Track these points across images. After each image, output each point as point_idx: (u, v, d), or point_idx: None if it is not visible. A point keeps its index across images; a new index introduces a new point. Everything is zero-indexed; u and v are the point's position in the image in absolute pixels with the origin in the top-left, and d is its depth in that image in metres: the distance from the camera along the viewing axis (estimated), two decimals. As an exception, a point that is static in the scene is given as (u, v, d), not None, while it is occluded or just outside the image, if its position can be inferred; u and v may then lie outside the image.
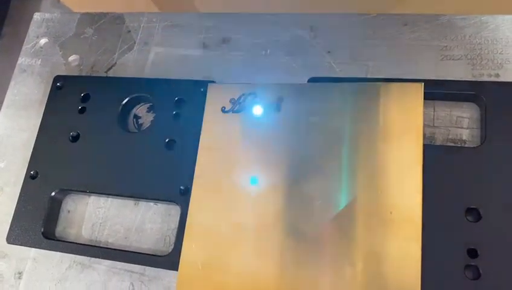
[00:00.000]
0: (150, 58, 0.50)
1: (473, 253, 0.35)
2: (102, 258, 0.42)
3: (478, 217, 0.35)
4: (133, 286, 0.42)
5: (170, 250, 0.40)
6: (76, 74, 0.51)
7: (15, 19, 1.64)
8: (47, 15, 0.55)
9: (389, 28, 0.44)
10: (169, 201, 0.42)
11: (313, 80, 0.43)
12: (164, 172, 0.43)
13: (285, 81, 0.45)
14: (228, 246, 0.39)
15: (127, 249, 0.43)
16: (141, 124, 0.47)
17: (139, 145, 0.44)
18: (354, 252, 0.36)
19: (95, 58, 0.51)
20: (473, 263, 0.34)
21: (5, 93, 0.53)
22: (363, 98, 0.39)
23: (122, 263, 0.42)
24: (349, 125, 0.39)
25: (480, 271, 0.34)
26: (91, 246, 0.43)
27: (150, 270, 0.42)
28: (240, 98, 0.42)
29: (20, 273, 0.45)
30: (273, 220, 0.38)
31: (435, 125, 0.40)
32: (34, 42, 0.54)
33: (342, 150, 0.39)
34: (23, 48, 0.55)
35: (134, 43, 0.51)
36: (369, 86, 0.40)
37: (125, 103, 0.47)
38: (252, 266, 0.38)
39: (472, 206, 0.36)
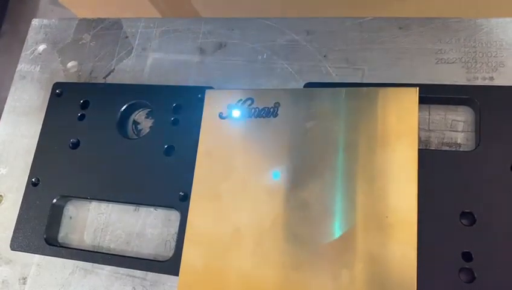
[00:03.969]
0: (148, 63, 0.50)
1: (467, 256, 0.35)
2: (104, 264, 0.43)
3: (473, 221, 0.36)
4: (135, 290, 0.43)
5: (171, 255, 0.41)
6: (75, 80, 0.52)
7: (14, 18, 1.65)
8: (45, 21, 0.56)
9: (384, 32, 0.44)
10: (168, 207, 0.43)
11: (308, 85, 0.43)
12: (163, 178, 0.43)
13: (282, 86, 0.45)
14: (228, 251, 0.39)
15: (128, 255, 0.43)
16: (140, 130, 0.48)
17: (138, 152, 0.45)
18: (351, 256, 0.36)
19: (94, 64, 0.52)
20: (467, 266, 0.35)
21: (5, 93, 0.54)
22: (358, 103, 0.40)
23: (124, 268, 0.43)
24: (345, 130, 0.39)
25: (475, 274, 0.35)
26: (93, 252, 0.44)
27: (151, 275, 0.42)
28: (237, 103, 0.43)
29: (24, 279, 0.46)
30: (272, 225, 0.39)
31: (430, 129, 0.41)
32: (33, 48, 0.55)
33: (338, 154, 0.39)
34: (22, 54, 0.55)
35: (132, 48, 0.51)
36: (364, 91, 0.40)
37: (124, 109, 0.47)
38: (251, 271, 0.38)
39: (467, 210, 0.36)
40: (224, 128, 0.42)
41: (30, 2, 1.64)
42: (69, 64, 0.53)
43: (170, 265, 0.40)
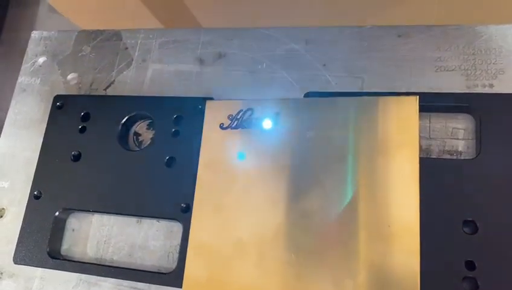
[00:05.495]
0: (148, 75, 0.50)
1: (470, 265, 0.35)
2: (107, 276, 0.43)
3: (475, 230, 0.36)
4: (138, 303, 0.42)
5: (174, 267, 0.41)
6: (75, 92, 0.52)
7: (13, 26, 1.65)
8: (44, 33, 0.56)
9: (383, 40, 0.44)
10: (170, 219, 0.43)
11: (308, 95, 0.43)
12: (165, 190, 0.43)
13: (281, 95, 0.45)
14: (231, 262, 0.39)
15: (131, 267, 0.43)
16: (141, 141, 0.48)
17: (140, 164, 0.45)
18: (353, 266, 0.36)
19: (94, 76, 0.52)
20: (470, 275, 0.35)
21: (4, 101, 0.54)
22: (358, 113, 0.40)
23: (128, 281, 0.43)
24: (346, 139, 0.39)
25: (478, 283, 0.35)
26: (96, 264, 0.44)
27: (154, 288, 0.42)
28: (237, 114, 0.43)
29: (27, 292, 0.46)
30: (274, 235, 0.39)
31: (431, 137, 0.41)
32: (33, 61, 0.55)
33: (338, 164, 0.39)
34: (22, 67, 0.55)
35: (132, 60, 0.51)
36: (364, 100, 0.40)
37: (125, 121, 0.47)
38: (254, 281, 0.38)
39: (469, 219, 0.36)
40: (225, 139, 0.42)
41: (29, 10, 1.65)
42: (69, 76, 0.53)
43: (173, 277, 0.40)
